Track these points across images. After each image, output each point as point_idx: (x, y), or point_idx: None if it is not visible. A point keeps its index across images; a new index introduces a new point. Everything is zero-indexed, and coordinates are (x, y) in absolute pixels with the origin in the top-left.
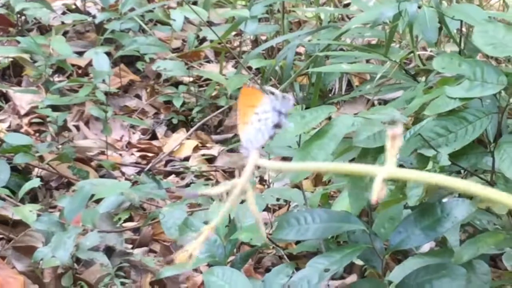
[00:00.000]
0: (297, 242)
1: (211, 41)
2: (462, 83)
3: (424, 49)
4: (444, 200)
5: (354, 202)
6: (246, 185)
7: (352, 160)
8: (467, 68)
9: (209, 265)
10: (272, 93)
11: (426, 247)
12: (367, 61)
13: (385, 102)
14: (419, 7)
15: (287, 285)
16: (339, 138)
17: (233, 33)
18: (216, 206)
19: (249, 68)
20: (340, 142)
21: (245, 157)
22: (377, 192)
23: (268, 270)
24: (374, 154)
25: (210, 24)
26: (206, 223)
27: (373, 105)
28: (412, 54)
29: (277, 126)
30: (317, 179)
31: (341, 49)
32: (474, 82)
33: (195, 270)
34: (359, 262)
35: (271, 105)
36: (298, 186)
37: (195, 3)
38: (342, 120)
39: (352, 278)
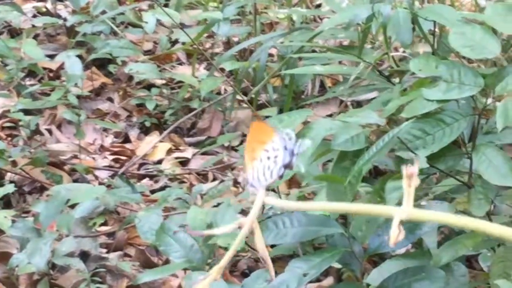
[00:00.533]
0: (273, 245)
1: (183, 43)
2: (439, 85)
3: (396, 49)
4: (423, 203)
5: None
6: (254, 223)
7: (329, 162)
8: (444, 70)
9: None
10: (287, 134)
11: (402, 249)
12: (340, 62)
13: (358, 103)
14: (393, 8)
15: None
16: (318, 142)
17: (205, 35)
18: (194, 209)
19: (222, 70)
20: (318, 145)
21: (252, 194)
22: (395, 237)
23: (243, 273)
24: (352, 157)
25: (181, 26)
26: (182, 226)
27: (346, 106)
28: (384, 55)
29: (287, 166)
30: (292, 181)
31: (314, 51)
32: (452, 84)
33: (172, 274)
34: (336, 265)
35: (282, 143)
36: (272, 189)
37: (166, 5)
38: (320, 123)
39: (329, 281)
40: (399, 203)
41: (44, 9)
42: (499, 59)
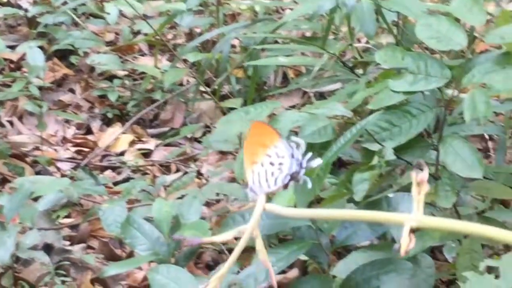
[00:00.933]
0: (237, 239)
1: (145, 34)
2: (406, 77)
3: (358, 41)
4: (390, 195)
5: (300, 197)
6: (255, 231)
7: None
8: (410, 61)
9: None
10: (295, 142)
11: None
12: (303, 53)
13: (320, 94)
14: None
15: (233, 283)
16: (284, 134)
17: (167, 26)
18: (159, 201)
19: (185, 61)
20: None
21: (252, 199)
22: (406, 245)
23: (208, 265)
24: (318, 149)
25: (144, 17)
26: (147, 219)
27: (309, 97)
28: (348, 47)
29: (294, 176)
30: None
31: (276, 42)
32: (418, 76)
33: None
34: (301, 257)
35: (288, 151)
36: (235, 180)
37: None
38: (287, 116)
39: (294, 273)
40: (367, 195)
41: (4, 0)
42: (464, 51)
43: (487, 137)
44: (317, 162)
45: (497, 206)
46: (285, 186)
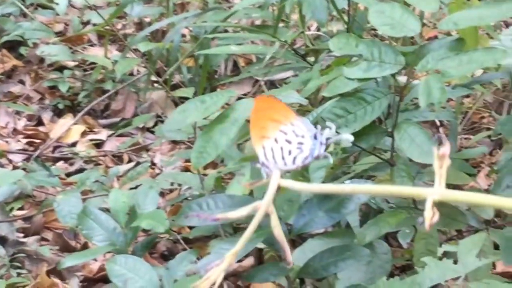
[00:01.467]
0: (191, 227)
1: (94, 24)
2: (360, 64)
3: (308, 28)
4: (347, 181)
5: (256, 188)
6: (270, 207)
7: (245, 142)
8: (364, 48)
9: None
10: (324, 126)
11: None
12: (252, 42)
13: (271, 82)
14: None
15: (192, 272)
16: (241, 123)
17: (116, 15)
18: (115, 192)
19: (135, 51)
20: (241, 126)
21: (266, 175)
22: (429, 218)
23: (163, 255)
24: None
25: (93, 7)
26: (102, 209)
27: (260, 86)
28: (299, 35)
29: (317, 157)
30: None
31: (226, 31)
32: (372, 63)
33: None
34: (258, 245)
35: (310, 132)
36: (188, 169)
37: None
38: (243, 104)
39: (249, 261)
40: (322, 183)
41: None
42: (415, 38)
43: (438, 123)
44: (348, 137)
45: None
46: (305, 166)
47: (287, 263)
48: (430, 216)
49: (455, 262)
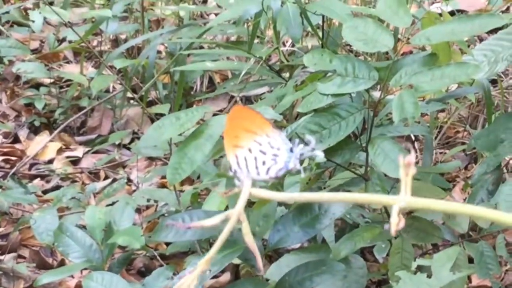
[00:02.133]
0: (168, 243)
1: (70, 41)
2: (334, 79)
3: (283, 44)
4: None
5: (232, 201)
6: (241, 215)
7: (220, 158)
8: (338, 64)
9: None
10: (301, 140)
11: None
12: (228, 58)
13: (247, 98)
14: (283, 3)
15: None
16: (215, 139)
17: (92, 32)
18: (92, 208)
19: (111, 68)
20: (216, 142)
21: (237, 184)
22: (395, 225)
23: (140, 271)
24: None
25: (67, 24)
26: (79, 226)
27: (235, 102)
28: (274, 50)
29: (290, 170)
30: (185, 178)
31: (202, 47)
32: (346, 78)
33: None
34: (234, 261)
35: (286, 145)
36: (165, 186)
37: (51, 3)
38: (217, 120)
39: (226, 277)
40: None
41: None
42: (389, 53)
43: (413, 137)
44: (320, 155)
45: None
46: (277, 178)
47: (258, 271)
48: (396, 222)
49: (430, 276)
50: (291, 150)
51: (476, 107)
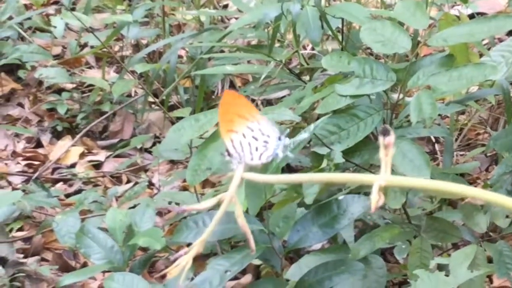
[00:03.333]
0: (189, 245)
1: (92, 46)
2: (352, 81)
3: (304, 48)
4: (340, 197)
5: (251, 203)
6: (234, 197)
7: None
8: (356, 66)
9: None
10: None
11: (317, 245)
12: (248, 62)
13: (268, 102)
14: (302, 7)
15: None
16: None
17: (113, 38)
18: (113, 211)
19: (132, 72)
20: None
21: (231, 167)
22: (375, 202)
23: (162, 274)
24: None
25: (88, 30)
26: (101, 229)
27: (257, 105)
28: (294, 54)
29: (277, 157)
30: (206, 181)
31: (222, 51)
32: (364, 79)
33: (91, 277)
34: (254, 262)
35: (275, 133)
36: (186, 189)
37: (73, 9)
38: None
39: (247, 278)
40: (317, 199)
41: None
42: (408, 55)
43: (433, 139)
44: (305, 136)
45: (445, 206)
46: (265, 163)
47: (251, 250)
48: (376, 200)
49: (448, 274)
50: (280, 138)
51: (497, 109)
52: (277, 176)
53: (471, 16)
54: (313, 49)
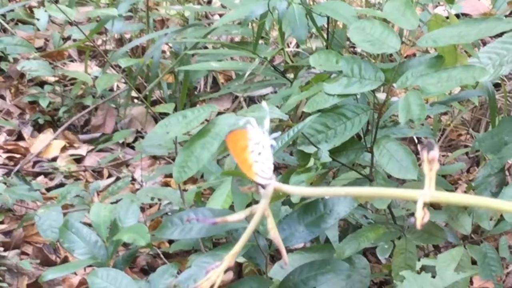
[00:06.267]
0: (171, 241)
1: (75, 40)
2: (340, 80)
3: (288, 45)
4: (326, 196)
5: (237, 200)
6: (267, 210)
7: (224, 158)
8: (344, 65)
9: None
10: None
11: (300, 244)
12: (231, 58)
13: (250, 99)
14: (289, 4)
15: (173, 285)
16: (222, 137)
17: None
18: (97, 206)
19: (114, 67)
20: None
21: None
22: (420, 219)
23: (143, 269)
24: None
25: (72, 23)
26: (84, 224)
27: (239, 102)
28: (279, 51)
29: (272, 145)
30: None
31: (206, 47)
32: (352, 79)
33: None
34: (237, 259)
35: (259, 132)
36: (168, 184)
37: (56, 2)
38: (224, 119)
39: (229, 275)
40: (303, 198)
41: None
42: (393, 55)
43: (416, 140)
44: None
45: (428, 207)
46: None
47: (285, 264)
48: (421, 216)
49: (433, 276)
50: (264, 132)
51: (479, 110)
52: (311, 189)
53: (456, 17)
54: (297, 46)
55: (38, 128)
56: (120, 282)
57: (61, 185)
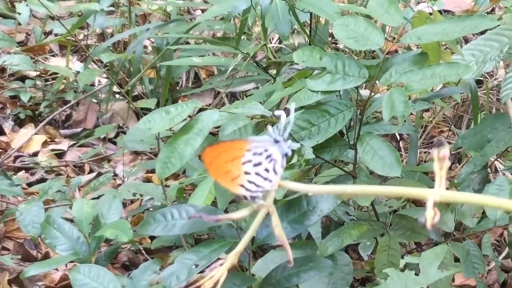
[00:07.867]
0: (152, 237)
1: (56, 34)
2: (324, 76)
3: (270, 41)
4: (310, 193)
5: (220, 197)
6: (272, 208)
7: None
8: (328, 61)
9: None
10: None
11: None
12: (214, 54)
13: (232, 94)
14: (271, 0)
15: (155, 281)
16: (206, 133)
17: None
18: (80, 201)
19: (96, 62)
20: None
21: (259, 202)
22: (431, 218)
23: (124, 265)
24: None
25: (54, 17)
26: (65, 219)
27: (221, 98)
28: (262, 47)
29: (286, 155)
30: None
31: (188, 42)
32: (336, 75)
33: None
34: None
35: (268, 142)
36: (150, 180)
37: None
38: (208, 115)
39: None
40: (285, 194)
41: None
42: (375, 52)
43: (398, 136)
44: (291, 119)
45: (410, 204)
46: (283, 167)
47: (289, 263)
48: (431, 216)
49: (417, 274)
50: (276, 141)
51: (461, 107)
52: (318, 187)
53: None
54: (280, 42)
55: (19, 123)
56: (102, 278)
57: (42, 180)
